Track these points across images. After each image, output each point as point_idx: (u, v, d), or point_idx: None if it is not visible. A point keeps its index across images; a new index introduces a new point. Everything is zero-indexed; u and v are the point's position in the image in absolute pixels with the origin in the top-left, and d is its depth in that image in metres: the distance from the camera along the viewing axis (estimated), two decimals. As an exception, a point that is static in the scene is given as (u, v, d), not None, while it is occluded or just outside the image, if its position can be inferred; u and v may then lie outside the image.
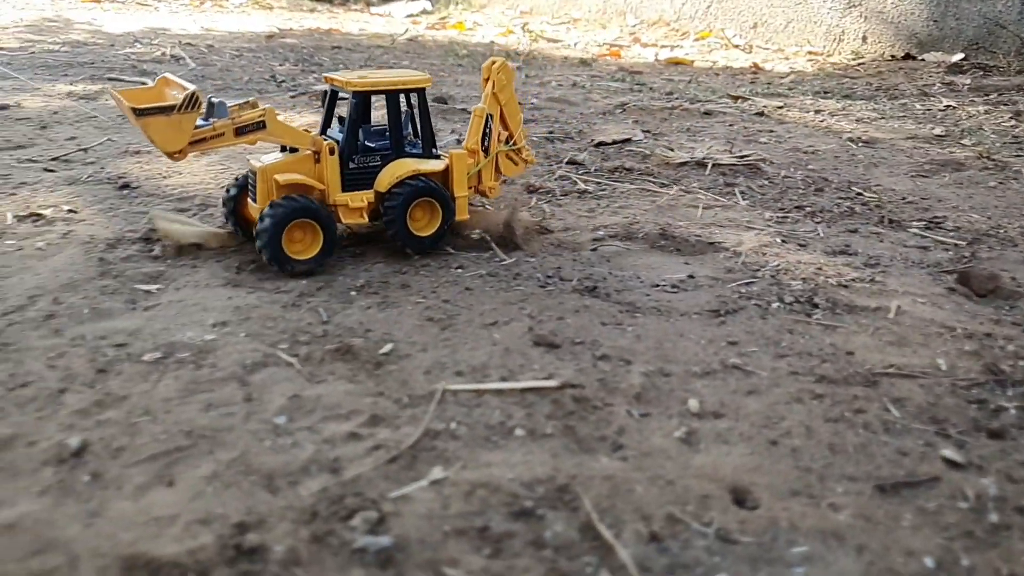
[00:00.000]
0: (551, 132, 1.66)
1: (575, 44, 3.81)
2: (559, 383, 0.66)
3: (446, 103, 1.89)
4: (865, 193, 1.31)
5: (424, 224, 0.93)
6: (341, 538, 0.48)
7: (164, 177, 1.24)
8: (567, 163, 1.40)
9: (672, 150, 1.52)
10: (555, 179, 1.31)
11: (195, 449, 0.57)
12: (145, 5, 4.70)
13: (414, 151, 0.94)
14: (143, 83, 2.13)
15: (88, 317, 0.75)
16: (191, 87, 0.80)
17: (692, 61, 3.27)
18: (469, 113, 1.80)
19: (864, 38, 3.25)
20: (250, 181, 0.90)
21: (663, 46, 3.70)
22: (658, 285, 0.90)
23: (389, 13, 5.28)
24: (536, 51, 3.45)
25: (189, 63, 2.58)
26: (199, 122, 0.83)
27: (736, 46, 3.60)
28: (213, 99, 0.85)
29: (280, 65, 2.69)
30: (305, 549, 0.47)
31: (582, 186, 1.28)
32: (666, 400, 0.66)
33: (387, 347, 0.72)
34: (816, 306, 0.85)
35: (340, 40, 3.60)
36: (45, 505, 0.50)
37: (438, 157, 0.95)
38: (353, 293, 0.84)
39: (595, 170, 1.38)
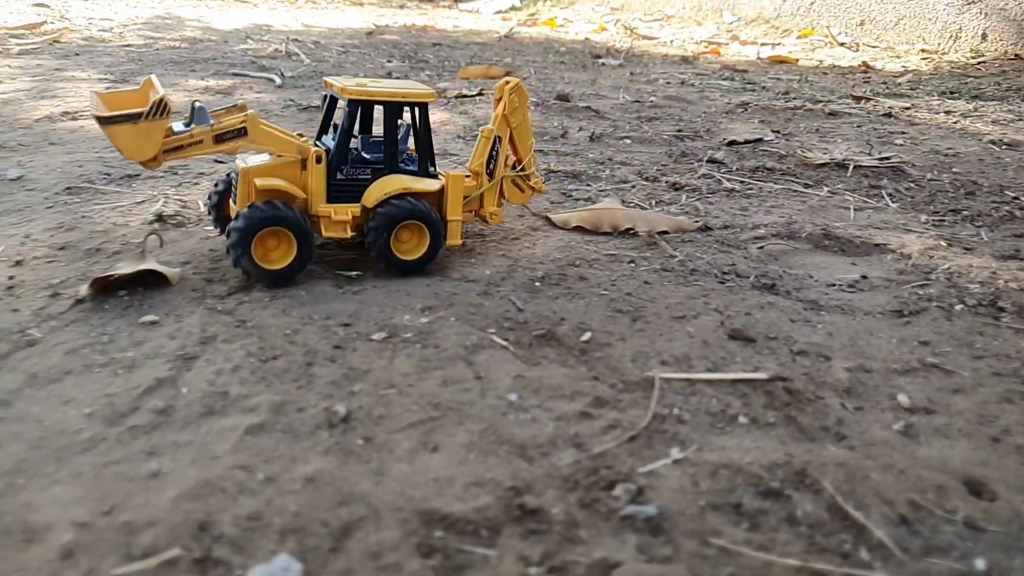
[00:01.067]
0: (679, 130, 1.69)
1: (671, 41, 3.81)
2: (768, 375, 0.70)
3: (568, 100, 1.93)
4: (1022, 198, 1.29)
5: (411, 247, 0.88)
6: (607, 505, 0.53)
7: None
8: (707, 161, 1.43)
9: (809, 151, 1.53)
10: (698, 177, 1.34)
11: (445, 420, 0.63)
12: (245, 2, 4.92)
13: (410, 168, 0.90)
14: (270, 79, 2.26)
15: (307, 299, 0.83)
16: (161, 92, 0.78)
17: (797, 60, 3.22)
18: (594, 112, 1.85)
19: (984, 36, 3.14)
20: (233, 182, 0.88)
21: (763, 44, 3.65)
22: (834, 284, 0.92)
23: (477, 10, 5.37)
24: (634, 48, 3.47)
25: (304, 59, 2.71)
26: (180, 128, 0.81)
27: (841, 44, 3.53)
28: (197, 104, 0.83)
29: (388, 62, 2.80)
30: (578, 513, 0.53)
31: (728, 185, 1.30)
32: (874, 395, 0.68)
33: (586, 335, 0.77)
34: (1002, 310, 0.86)
35: (437, 37, 3.69)
36: (332, 464, 0.57)
37: (435, 176, 0.91)
38: (537, 284, 0.89)
39: (736, 169, 1.40)
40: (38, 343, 0.72)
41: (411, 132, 0.92)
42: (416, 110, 0.89)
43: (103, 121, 0.75)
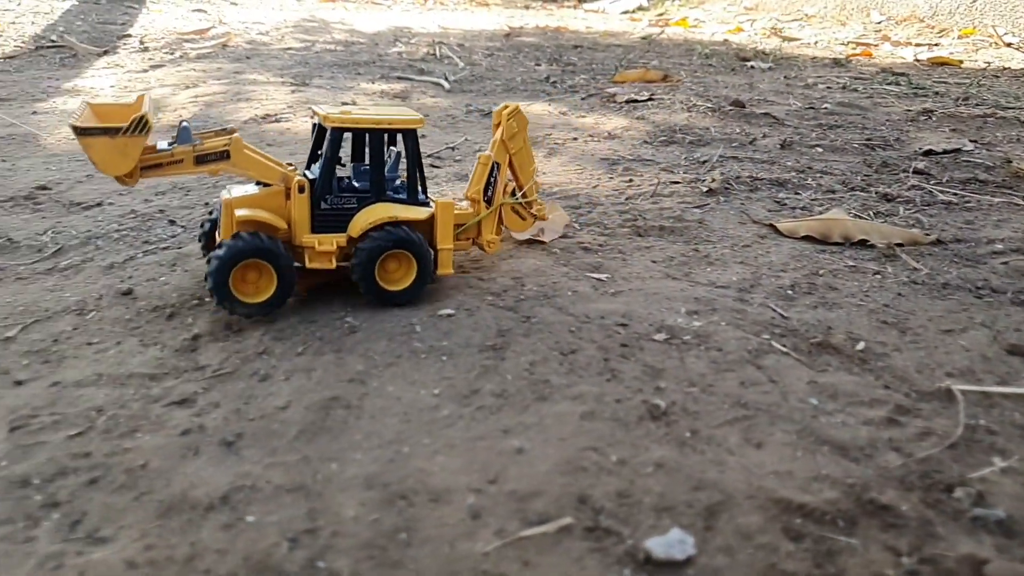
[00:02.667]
0: (868, 139, 1.68)
1: (815, 42, 3.73)
2: (1069, 392, 0.72)
3: (743, 107, 1.96)
4: None
5: (399, 277, 0.87)
6: (952, 507, 0.57)
7: (544, 175, 1.40)
8: (912, 172, 1.43)
9: (1022, 163, 1.49)
10: (908, 188, 1.34)
11: (757, 419, 0.68)
12: (378, 4, 5.15)
13: (399, 196, 0.89)
14: (437, 83, 2.39)
15: (574, 299, 0.90)
16: (145, 109, 0.78)
17: (960, 61, 3.10)
18: (774, 119, 1.87)
19: None
20: (219, 212, 0.88)
21: (919, 44, 3.53)
22: (1099, 304, 0.92)
23: (602, 10, 5.42)
24: (778, 50, 3.42)
25: (458, 62, 2.83)
26: (162, 145, 0.82)
27: (1008, 44, 3.36)
28: (183, 122, 0.83)
29: (537, 65, 2.88)
30: (927, 512, 0.57)
31: (942, 197, 1.30)
32: None
33: (860, 344, 0.81)
34: None
35: (574, 38, 3.76)
36: (672, 452, 0.63)
37: (425, 204, 0.90)
38: (789, 292, 0.93)
39: (946, 181, 1.39)
40: (359, 330, 0.83)
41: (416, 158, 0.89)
42: (403, 136, 0.88)
43: (79, 132, 0.75)
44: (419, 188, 0.90)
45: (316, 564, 0.52)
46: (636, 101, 2.02)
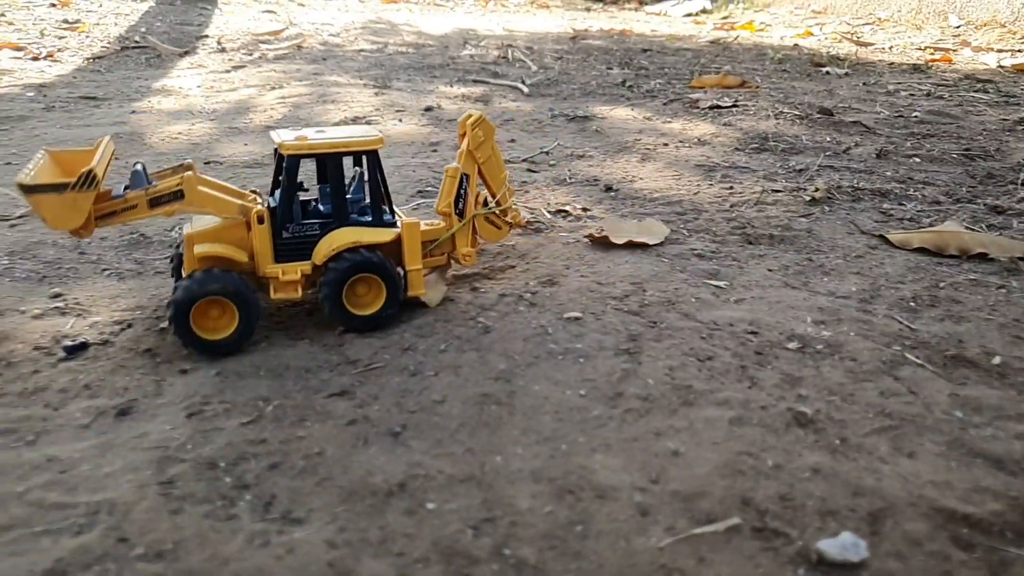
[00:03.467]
0: (966, 149, 1.67)
1: (890, 47, 3.67)
2: None
3: (832, 115, 1.95)
4: None
5: (369, 300, 0.86)
6: (1122, 524, 0.58)
7: (633, 180, 1.43)
8: (1022, 184, 1.41)
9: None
10: (1018, 201, 1.33)
11: (904, 429, 0.70)
12: (440, 6, 5.23)
13: (364, 219, 0.88)
14: (515, 87, 2.42)
15: (698, 307, 0.93)
16: (96, 161, 0.78)
17: (1047, 68, 3.02)
18: (864, 127, 1.86)
19: None
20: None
21: (1001, 50, 3.45)
22: None
23: (664, 12, 5.41)
24: (853, 55, 3.38)
25: (531, 65, 2.87)
26: (118, 191, 0.81)
27: (1098, 51, 3.26)
28: (136, 166, 0.83)
29: (609, 69, 2.90)
30: (1096, 528, 0.58)
31: (1063, 212, 1.29)
32: None
33: (996, 359, 0.82)
34: None
35: (641, 41, 3.77)
36: (826, 459, 0.65)
37: (392, 225, 0.88)
38: (912, 304, 0.94)
39: (1059, 194, 1.37)
40: (493, 330, 0.86)
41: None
42: (365, 158, 0.87)
43: (26, 190, 0.74)
44: (385, 209, 0.89)
45: (502, 551, 0.56)
46: (720, 107, 2.03)
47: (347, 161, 0.89)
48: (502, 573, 0.54)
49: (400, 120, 1.93)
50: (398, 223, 0.89)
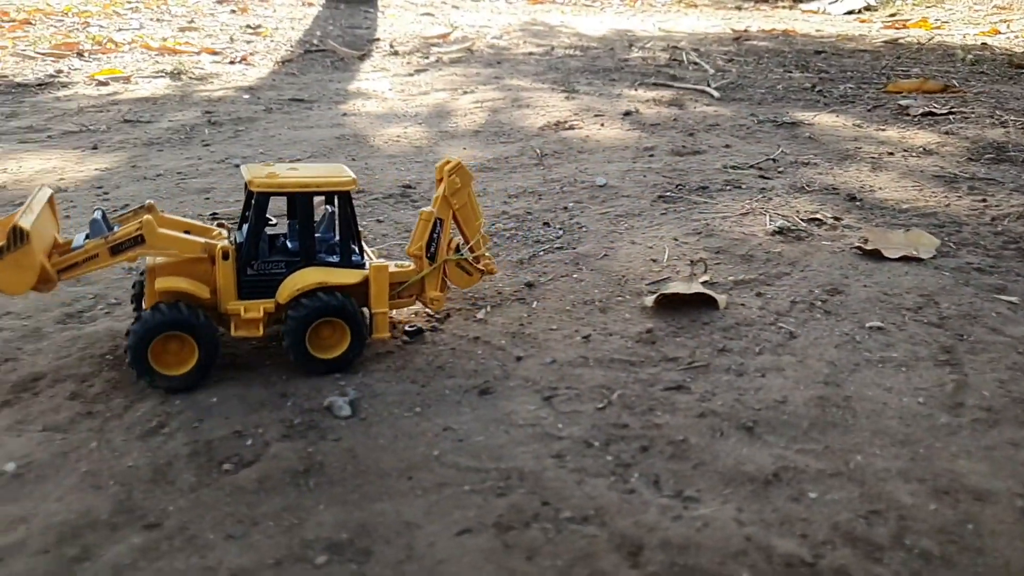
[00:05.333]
0: None
1: (1095, 46, 3.44)
2: None
3: (1066, 123, 1.88)
4: None
5: (334, 343, 0.86)
6: None
7: (872, 190, 1.44)
8: None
9: None
10: None
11: None
12: (589, 7, 5.32)
13: (331, 259, 0.88)
14: (703, 90, 2.46)
15: (999, 320, 0.95)
16: (19, 216, 0.76)
17: None
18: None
19: None
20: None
21: None
22: None
23: (822, 10, 5.27)
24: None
25: (708, 69, 2.89)
26: (79, 241, 0.82)
27: None
28: (95, 213, 0.83)
29: (787, 72, 2.89)
30: None
31: None
32: None
33: None
34: None
35: (809, 42, 3.71)
36: None
37: (360, 266, 0.88)
38: None
39: None
40: (799, 336, 0.92)
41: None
42: (335, 198, 0.88)
43: None
44: (354, 249, 0.89)
45: (903, 541, 0.61)
46: (934, 114, 2.00)
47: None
48: (908, 561, 0.59)
49: (602, 125, 2.01)
50: (367, 264, 0.89)
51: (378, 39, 3.74)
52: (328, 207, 0.93)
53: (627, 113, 2.11)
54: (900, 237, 1.17)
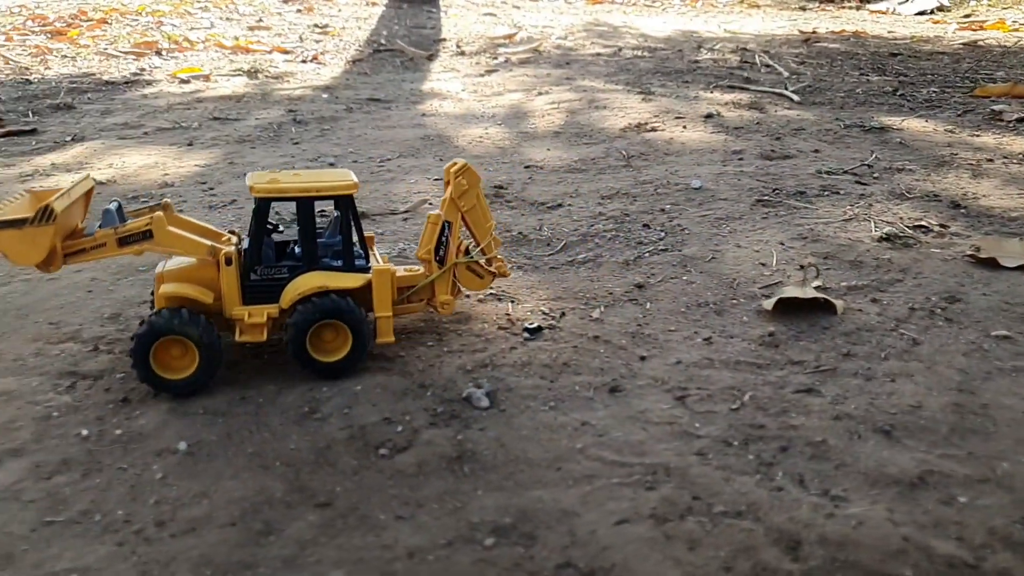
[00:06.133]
0: None
1: None
2: None
3: None
4: None
5: (337, 346, 0.87)
6: None
7: (976, 197, 1.44)
8: None
9: None
10: None
11: None
12: (651, 7, 5.32)
13: (335, 263, 0.89)
14: (781, 93, 2.45)
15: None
16: (55, 197, 0.80)
17: None
18: None
19: None
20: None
21: None
22: None
23: (891, 11, 5.19)
24: None
25: (782, 71, 2.89)
26: (90, 229, 0.85)
27: None
28: (114, 202, 0.86)
29: (863, 75, 2.86)
30: None
31: None
32: None
33: None
34: None
35: (880, 44, 3.66)
36: None
37: (365, 270, 0.89)
38: None
39: None
40: (922, 343, 0.93)
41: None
42: (336, 202, 0.89)
43: None
44: (360, 253, 0.91)
45: (1065, 547, 0.63)
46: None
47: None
48: (1070, 567, 0.61)
49: (684, 127, 2.02)
50: (371, 268, 0.90)
51: (444, 39, 3.80)
52: (337, 212, 0.94)
53: (708, 116, 2.12)
54: (1016, 246, 1.16)
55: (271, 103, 2.43)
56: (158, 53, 3.28)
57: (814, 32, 4.06)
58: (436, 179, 1.63)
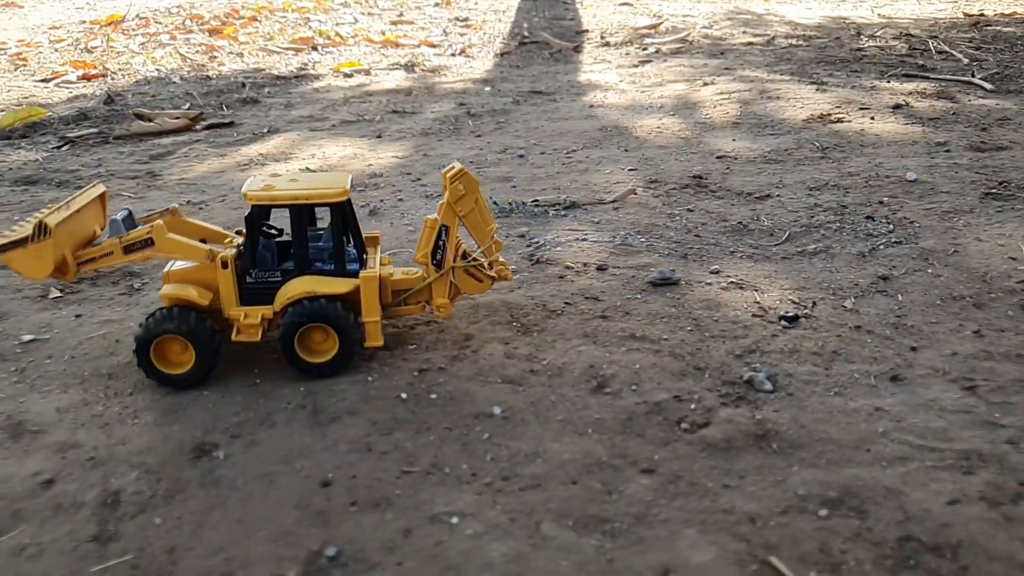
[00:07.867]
0: None
1: None
2: None
3: None
4: None
5: (326, 348, 0.92)
6: None
7: None
8: None
9: None
10: None
11: None
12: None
13: (326, 268, 0.93)
14: (977, 85, 2.37)
15: None
16: (48, 213, 0.87)
17: None
18: None
19: None
20: None
21: None
22: None
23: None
24: None
25: (961, 58, 2.78)
26: (102, 238, 0.91)
27: None
28: (124, 211, 0.92)
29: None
30: None
31: None
32: None
33: None
34: None
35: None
36: None
37: (355, 275, 0.93)
38: None
39: None
40: None
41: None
42: (329, 209, 0.92)
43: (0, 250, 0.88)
44: (354, 257, 0.95)
45: None
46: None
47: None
48: None
49: (872, 119, 1.99)
50: (360, 273, 0.94)
51: (586, 31, 3.85)
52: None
53: (896, 107, 2.08)
54: None
55: (439, 96, 2.55)
56: (315, 48, 3.48)
57: (982, 15, 3.87)
58: (632, 169, 1.69)
